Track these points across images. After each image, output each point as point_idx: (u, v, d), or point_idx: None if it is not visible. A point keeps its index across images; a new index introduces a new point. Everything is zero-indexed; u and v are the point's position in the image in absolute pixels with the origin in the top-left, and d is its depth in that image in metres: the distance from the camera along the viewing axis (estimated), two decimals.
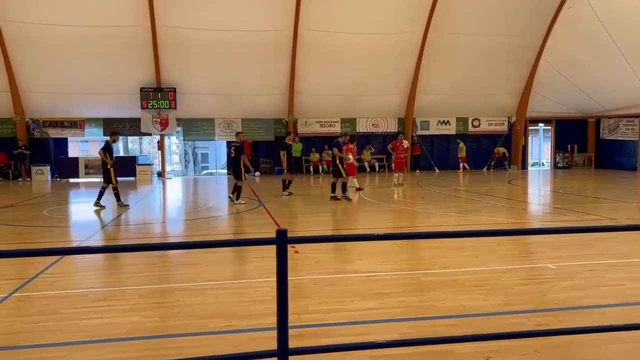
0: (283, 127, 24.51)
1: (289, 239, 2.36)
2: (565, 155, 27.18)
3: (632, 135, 24.56)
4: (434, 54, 23.01)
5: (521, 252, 7.80)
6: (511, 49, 23.39)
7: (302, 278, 6.15)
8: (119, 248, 6.78)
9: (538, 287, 5.71)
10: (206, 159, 36.60)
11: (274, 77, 22.99)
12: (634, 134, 24.38)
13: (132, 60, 21.82)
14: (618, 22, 20.12)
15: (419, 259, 7.36)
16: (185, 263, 7.05)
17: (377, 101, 24.42)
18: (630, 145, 24.68)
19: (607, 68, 21.95)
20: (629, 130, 24.84)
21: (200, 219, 11.50)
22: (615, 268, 6.46)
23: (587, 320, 4.56)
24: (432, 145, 26.01)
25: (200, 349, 3.98)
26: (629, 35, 20.14)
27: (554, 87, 24.58)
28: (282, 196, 14.81)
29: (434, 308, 4.98)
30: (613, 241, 8.00)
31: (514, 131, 26.32)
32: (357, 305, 5.09)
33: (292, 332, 4.29)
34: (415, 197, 15.06)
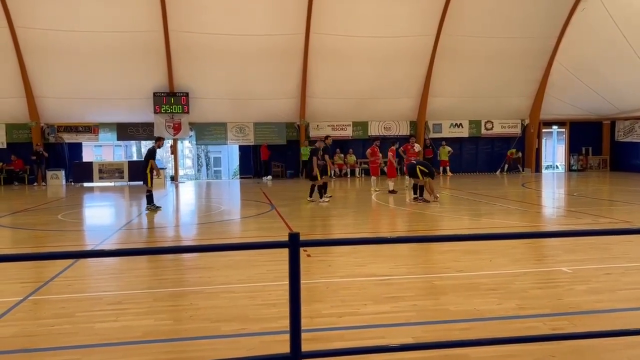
0: (295, 131, 24.57)
1: (301, 242, 2.37)
2: (580, 157, 26.91)
3: None
4: (446, 57, 22.94)
5: (535, 255, 7.73)
6: (524, 51, 23.24)
7: (315, 281, 6.15)
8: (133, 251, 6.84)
9: (553, 290, 5.66)
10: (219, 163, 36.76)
11: (285, 81, 23.07)
12: None
13: (146, 66, 22.02)
14: (632, 23, 19.90)
15: (433, 262, 7.33)
16: (198, 266, 7.08)
17: (389, 104, 24.38)
18: None
19: (621, 69, 21.71)
20: None
21: (213, 222, 11.56)
22: (632, 272, 6.38)
23: (603, 325, 4.50)
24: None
25: (214, 352, 4.00)
26: None
27: (567, 89, 24.36)
28: (321, 203, 13.98)
29: (448, 312, 4.95)
30: (629, 244, 7.90)
31: (527, 134, 26.12)
32: (370, 309, 5.08)
33: (305, 335, 4.29)
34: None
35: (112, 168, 23.53)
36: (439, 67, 23.29)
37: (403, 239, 3.68)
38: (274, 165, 25.11)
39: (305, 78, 22.92)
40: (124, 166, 23.58)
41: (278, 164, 25.23)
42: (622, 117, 25.58)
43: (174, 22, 21.00)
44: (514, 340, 3.17)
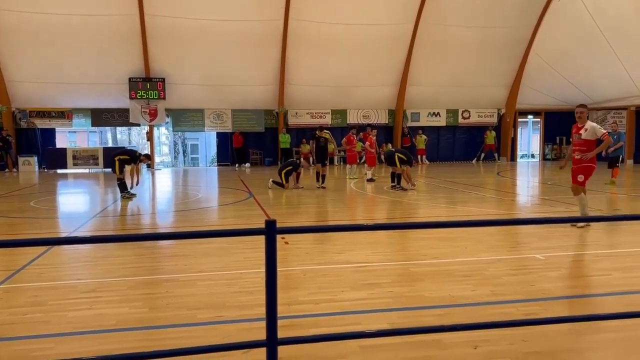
0: (274, 118, 24.44)
1: (278, 230, 2.35)
2: (554, 147, 27.36)
3: (620, 127, 24.73)
4: (424, 46, 23.01)
5: (510, 242, 7.86)
6: (501, 41, 23.45)
7: (292, 269, 6.16)
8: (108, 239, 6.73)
9: (526, 277, 5.77)
10: (196, 150, 36.37)
11: (264, 68, 22.88)
12: (622, 126, 24.56)
13: (121, 50, 21.59)
14: (606, 14, 20.22)
15: (409, 249, 7.40)
16: (174, 254, 7.02)
17: (368, 93, 24.40)
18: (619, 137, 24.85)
19: (595, 60, 22.08)
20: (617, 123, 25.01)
21: (190, 210, 11.46)
22: (602, 258, 6.53)
23: (574, 310, 4.61)
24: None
25: (190, 340, 3.98)
26: (617, 28, 20.25)
27: (543, 79, 24.70)
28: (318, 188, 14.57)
29: (423, 298, 5.01)
30: (599, 232, 8.09)
31: (503, 123, 26.45)
32: (347, 295, 5.10)
33: (282, 322, 4.30)
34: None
35: (87, 154, 23.12)
36: (418, 56, 23.35)
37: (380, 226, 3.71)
38: (252, 153, 24.97)
39: (284, 65, 22.76)
40: (98, 152, 23.19)
41: (256, 152, 25.09)
42: (595, 107, 26.04)
43: (150, 5, 20.59)
44: (487, 326, 3.23)
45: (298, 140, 24.73)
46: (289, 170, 14.69)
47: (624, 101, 23.71)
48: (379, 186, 15.50)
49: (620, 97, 23.63)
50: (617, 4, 19.61)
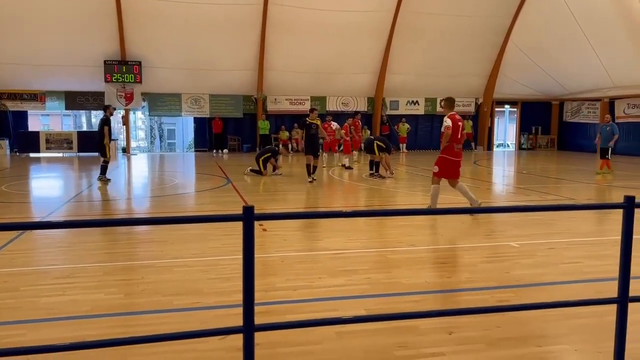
0: (252, 104, 24.24)
1: (255, 216, 2.34)
2: (530, 136, 27.78)
3: (594, 118, 25.24)
4: (404, 34, 23.01)
5: (485, 230, 7.97)
6: (480, 30, 23.58)
7: (270, 255, 6.15)
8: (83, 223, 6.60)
9: (500, 264, 5.86)
10: (173, 136, 35.94)
11: (243, 53, 22.62)
12: (596, 117, 25.05)
13: (96, 32, 21.09)
14: (584, 7, 20.47)
15: (386, 236, 7.45)
16: (151, 240, 6.95)
17: (348, 80, 24.35)
18: (592, 127, 25.37)
19: (572, 52, 22.38)
20: (590, 114, 25.52)
21: (166, 195, 11.33)
22: (574, 246, 6.68)
23: (546, 297, 4.71)
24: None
25: (166, 326, 3.95)
26: (593, 21, 20.53)
27: (520, 69, 24.96)
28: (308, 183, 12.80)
29: (400, 285, 5.06)
30: (572, 220, 8.26)
31: (480, 112, 26.71)
32: (325, 282, 5.12)
33: (260, 308, 4.29)
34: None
35: (60, 138, 22.64)
36: (397, 44, 23.35)
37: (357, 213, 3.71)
38: (230, 139, 24.77)
39: (263, 50, 22.53)
40: (72, 136, 22.73)
41: (234, 138, 24.89)
42: (570, 99, 26.51)
43: None
44: (462, 312, 3.28)
45: (277, 127, 24.61)
46: (268, 157, 14.62)
47: (598, 92, 24.15)
48: (357, 174, 15.55)
49: (595, 89, 24.07)
50: None
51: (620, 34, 20.05)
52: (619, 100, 23.60)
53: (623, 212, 2.68)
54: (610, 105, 24.14)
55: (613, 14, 19.72)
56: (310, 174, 12.96)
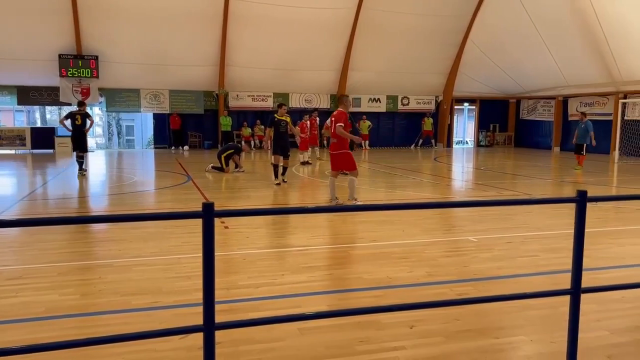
0: (214, 100, 23.93)
1: (216, 213, 2.30)
2: (488, 134, 28.45)
3: (549, 116, 26.08)
4: (366, 31, 23.15)
5: (445, 225, 8.13)
6: (440, 29, 23.95)
7: (232, 253, 6.09)
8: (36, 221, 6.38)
9: (460, 258, 5.98)
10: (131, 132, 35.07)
11: (204, 48, 22.27)
12: (550, 114, 25.89)
13: (50, 24, 20.35)
14: (539, 8, 21.07)
15: (349, 232, 7.49)
16: (108, 239, 6.77)
17: (311, 76, 24.33)
18: (547, 125, 26.22)
19: (528, 52, 23.03)
20: (545, 111, 26.34)
21: (124, 193, 11.07)
22: (530, 240, 6.88)
23: (504, 289, 4.83)
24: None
25: (124, 327, 3.86)
26: (548, 22, 21.18)
27: (478, 68, 25.51)
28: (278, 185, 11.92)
29: (362, 280, 5.10)
30: (528, 215, 8.51)
31: (440, 110, 27.16)
32: (287, 279, 5.11)
33: (222, 307, 4.25)
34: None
35: (13, 134, 21.79)
36: (359, 41, 23.48)
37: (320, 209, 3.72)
38: (191, 135, 24.39)
39: (224, 45, 22.26)
40: (26, 133, 21.90)
41: (195, 134, 24.52)
42: (526, 97, 27.29)
43: None
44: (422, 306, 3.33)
45: (239, 123, 24.38)
46: (230, 153, 14.47)
47: (553, 91, 24.95)
48: (320, 170, 15.58)
49: (550, 87, 24.85)
50: None
51: (573, 35, 20.76)
52: (572, 98, 24.45)
53: (576, 206, 2.77)
54: (563, 103, 24.99)
55: (566, 15, 20.39)
56: (277, 176, 11.96)
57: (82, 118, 13.57)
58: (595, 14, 19.55)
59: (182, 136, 24.01)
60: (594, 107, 23.21)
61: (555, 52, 22.08)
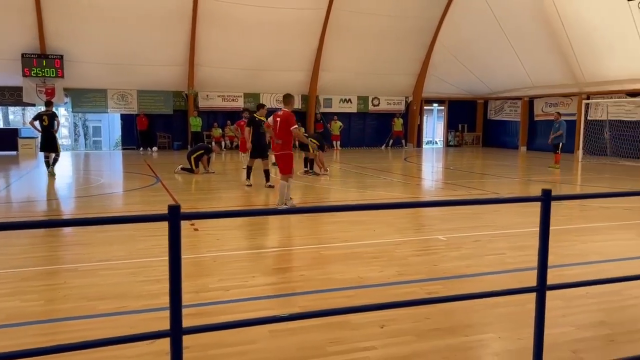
0: (183, 100, 23.63)
1: (182, 215, 2.26)
2: (457, 134, 28.87)
3: (515, 116, 26.62)
4: (336, 32, 23.21)
5: (415, 225, 8.20)
6: (410, 30, 24.18)
7: (202, 255, 6.02)
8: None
9: (429, 257, 6.05)
10: (98, 133, 34.37)
11: (173, 47, 21.95)
12: (517, 115, 26.44)
13: (12, 22, 19.72)
14: (506, 11, 21.49)
15: (320, 233, 7.49)
16: (74, 243, 6.61)
17: (282, 77, 24.23)
18: (514, 125, 26.76)
19: (494, 53, 23.46)
20: (512, 112, 26.88)
21: (91, 196, 10.81)
22: (498, 238, 7.01)
23: (472, 287, 4.90)
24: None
25: (90, 332, 3.76)
26: (514, 24, 21.61)
27: (447, 69, 25.85)
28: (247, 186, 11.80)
29: (333, 280, 5.10)
30: (496, 214, 8.66)
31: (410, 111, 27.44)
32: (258, 281, 5.07)
33: (191, 310, 4.19)
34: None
35: None
36: (330, 42, 23.52)
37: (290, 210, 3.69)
38: (160, 136, 24.02)
39: (193, 45, 21.98)
40: None
41: (164, 135, 24.16)
42: (494, 97, 27.81)
43: None
44: (393, 305, 3.34)
45: (209, 124, 24.13)
46: (200, 154, 14.30)
47: (519, 92, 25.49)
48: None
49: (516, 88, 25.38)
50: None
51: (538, 37, 21.24)
52: (538, 99, 25.02)
53: (541, 205, 2.83)
54: (529, 103, 25.54)
55: (532, 18, 20.85)
56: (249, 177, 11.85)
57: (49, 119, 13.38)
58: (559, 17, 20.07)
59: (151, 137, 23.61)
60: (558, 107, 23.77)
61: (521, 54, 22.56)
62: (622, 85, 20.24)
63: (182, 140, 23.91)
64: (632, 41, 18.14)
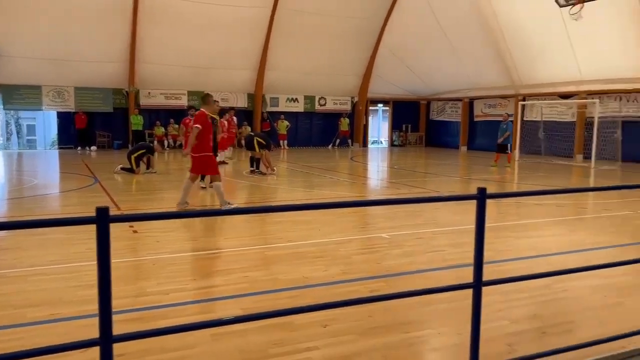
0: (123, 98, 22.86)
1: (112, 218, 2.16)
2: (401, 134, 29.44)
3: (456, 117, 27.44)
4: (282, 31, 23.10)
5: (359, 224, 8.28)
6: (355, 30, 24.41)
7: (141, 259, 5.84)
8: None
9: (373, 255, 6.11)
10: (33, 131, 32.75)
11: (112, 43, 21.18)
12: (458, 115, 27.25)
13: None
14: (447, 14, 22.08)
15: (265, 233, 7.42)
16: (3, 248, 6.23)
17: (227, 75, 23.89)
18: (455, 125, 27.57)
19: (436, 55, 24.06)
20: (453, 112, 27.69)
21: (23, 197, 10.26)
22: (439, 236, 7.17)
23: (414, 284, 4.98)
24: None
25: (18, 342, 3.55)
26: (455, 26, 22.24)
27: (391, 70, 26.29)
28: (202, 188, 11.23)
29: (277, 281, 5.05)
30: (437, 211, 8.87)
31: (356, 111, 27.72)
32: (199, 283, 4.96)
33: (128, 316, 4.04)
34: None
35: None
36: (276, 41, 23.39)
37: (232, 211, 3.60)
38: (100, 135, 23.13)
39: (134, 40, 21.30)
40: None
41: (104, 134, 23.28)
42: (436, 98, 28.55)
43: None
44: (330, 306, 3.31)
45: (151, 122, 23.46)
46: (141, 154, 13.88)
47: (460, 93, 26.29)
48: (237, 170, 15.35)
49: (457, 90, 26.16)
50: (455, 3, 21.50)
51: (478, 40, 21.96)
52: (477, 100, 25.90)
53: (477, 203, 2.89)
54: (470, 105, 26.39)
55: (472, 22, 21.51)
56: (204, 178, 11.20)
57: None
58: (497, 21, 20.84)
59: (90, 136, 22.70)
60: (496, 108, 24.71)
61: (462, 56, 23.25)
62: (555, 87, 21.28)
63: (122, 139, 23.13)
64: (564, 46, 19.09)
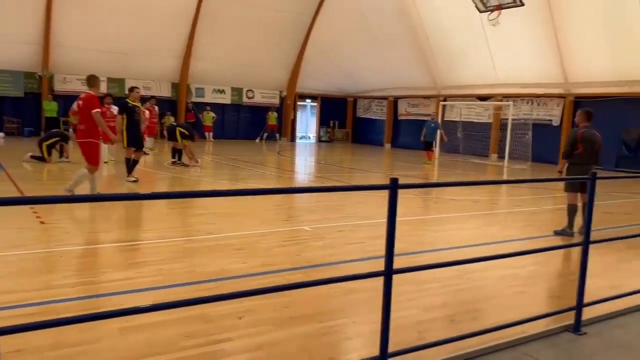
0: (36, 83, 21.45)
1: None
2: (328, 130, 29.73)
3: (382, 115, 28.08)
4: (209, 20, 22.59)
5: (282, 216, 8.26)
6: (284, 24, 24.32)
7: (48, 251, 5.50)
8: None
9: (294, 247, 6.11)
10: None
11: (24, 24, 19.79)
12: (383, 114, 27.90)
13: None
14: (374, 13, 22.52)
15: (184, 226, 7.23)
16: None
17: (149, 63, 23.03)
18: (380, 123, 28.21)
19: (363, 53, 24.50)
20: (379, 110, 28.32)
21: None
22: (360, 228, 7.30)
23: (331, 275, 5.02)
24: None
25: None
26: (382, 26, 22.75)
27: (320, 66, 26.45)
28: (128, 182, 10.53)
29: (194, 273, 4.93)
30: (359, 205, 9.03)
31: (284, 105, 27.66)
32: (110, 276, 4.74)
33: (31, 310, 3.80)
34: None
35: None
36: (202, 30, 22.84)
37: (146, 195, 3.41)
38: (8, 121, 21.55)
39: (49, 22, 20.03)
40: None
41: (13, 120, 21.72)
42: (362, 96, 29.07)
43: None
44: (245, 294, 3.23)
45: (66, 109, 22.13)
46: (54, 142, 13.08)
47: (385, 92, 26.92)
48: (158, 162, 14.86)
49: (382, 88, 26.77)
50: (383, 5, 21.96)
51: (403, 41, 22.59)
52: (401, 99, 26.63)
53: (389, 193, 2.94)
54: (394, 103, 27.09)
55: (397, 23, 22.09)
56: (131, 172, 10.67)
57: None
58: (422, 25, 21.53)
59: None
60: (419, 108, 25.54)
61: (388, 57, 23.82)
62: (474, 89, 22.30)
63: (34, 126, 21.69)
64: (482, 50, 20.04)
